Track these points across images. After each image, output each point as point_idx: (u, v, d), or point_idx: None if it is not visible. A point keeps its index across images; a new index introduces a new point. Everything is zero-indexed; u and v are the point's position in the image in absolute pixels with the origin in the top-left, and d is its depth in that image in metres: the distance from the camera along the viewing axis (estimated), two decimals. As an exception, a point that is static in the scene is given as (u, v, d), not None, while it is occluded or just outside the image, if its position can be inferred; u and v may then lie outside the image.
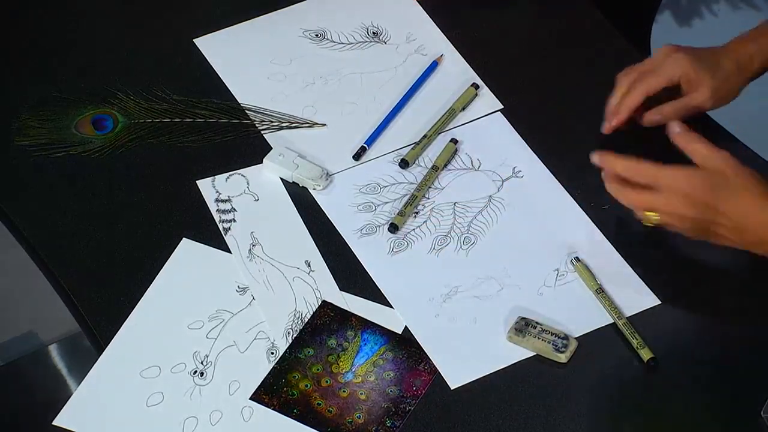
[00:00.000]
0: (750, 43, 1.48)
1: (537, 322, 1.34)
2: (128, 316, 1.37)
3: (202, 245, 1.44)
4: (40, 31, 1.68)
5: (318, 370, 1.33)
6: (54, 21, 1.69)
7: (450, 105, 1.56)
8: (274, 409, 1.30)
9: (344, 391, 1.31)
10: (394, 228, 1.45)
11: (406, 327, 1.36)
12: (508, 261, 1.41)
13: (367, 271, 1.41)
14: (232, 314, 1.38)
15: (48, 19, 1.69)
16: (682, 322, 1.36)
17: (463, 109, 1.56)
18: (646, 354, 1.32)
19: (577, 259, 1.40)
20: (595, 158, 1.33)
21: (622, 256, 1.41)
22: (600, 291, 1.38)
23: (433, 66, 1.60)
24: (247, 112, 1.57)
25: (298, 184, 1.49)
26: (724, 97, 1.48)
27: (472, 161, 1.52)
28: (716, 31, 1.60)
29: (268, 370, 1.33)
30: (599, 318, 1.36)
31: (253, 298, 1.39)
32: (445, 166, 1.51)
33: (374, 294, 1.39)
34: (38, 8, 1.70)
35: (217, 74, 1.61)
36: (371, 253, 1.43)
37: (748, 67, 1.48)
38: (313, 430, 1.29)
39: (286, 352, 1.35)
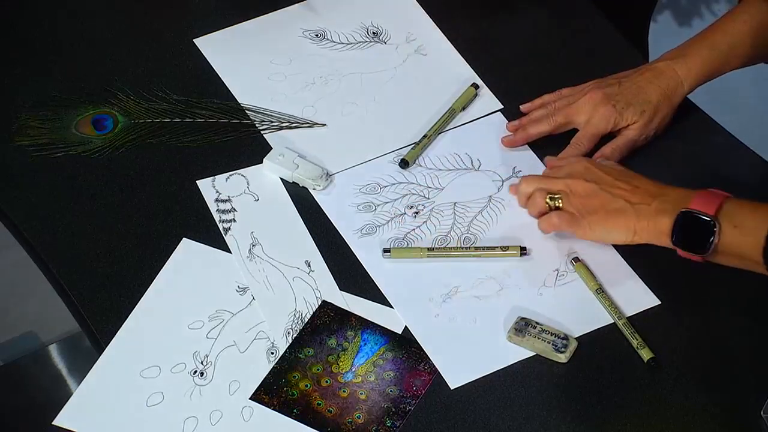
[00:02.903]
0: (678, 65, 1.48)
1: (537, 322, 1.34)
2: (128, 316, 1.37)
3: (202, 245, 1.44)
4: (40, 31, 1.68)
5: (318, 370, 1.33)
6: (54, 21, 1.69)
7: (450, 105, 1.56)
8: (274, 409, 1.30)
9: (344, 391, 1.31)
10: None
11: (406, 327, 1.36)
12: (508, 261, 1.41)
13: (367, 271, 1.41)
14: (232, 314, 1.38)
15: (48, 19, 1.70)
16: (682, 322, 1.36)
17: (463, 109, 1.56)
18: (646, 354, 1.32)
19: (577, 259, 1.40)
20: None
21: (622, 256, 1.41)
22: (600, 291, 1.38)
23: None
24: (247, 112, 1.57)
25: (298, 184, 1.49)
26: (657, 128, 1.50)
27: (472, 161, 1.52)
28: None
29: (268, 370, 1.33)
30: (599, 318, 1.36)
31: (253, 298, 1.39)
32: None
33: (374, 294, 1.39)
34: (38, 8, 1.71)
35: (217, 74, 1.61)
36: (371, 253, 1.43)
37: (676, 93, 1.49)
38: (313, 430, 1.29)
39: (286, 352, 1.35)
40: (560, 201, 1.38)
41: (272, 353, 1.35)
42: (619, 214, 1.34)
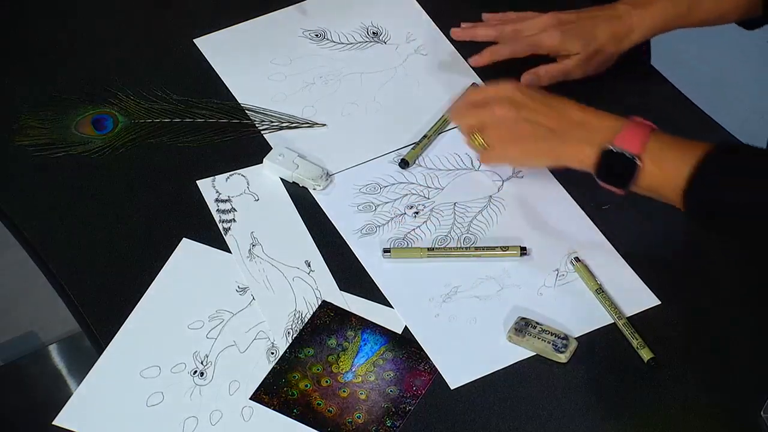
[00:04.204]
0: (637, 12, 1.52)
1: (537, 322, 1.34)
2: (128, 316, 1.37)
3: (202, 245, 1.44)
4: (40, 31, 1.68)
5: (318, 370, 1.33)
6: (54, 21, 1.69)
7: (450, 105, 1.56)
8: (274, 409, 1.30)
9: (344, 391, 1.31)
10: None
11: (406, 327, 1.36)
12: (508, 261, 1.41)
13: (367, 271, 1.41)
14: (232, 314, 1.38)
15: (48, 19, 1.70)
16: (682, 322, 1.36)
17: (463, 109, 1.56)
18: (646, 354, 1.32)
19: (577, 259, 1.40)
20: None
21: (622, 256, 1.41)
22: (600, 291, 1.38)
23: None
24: (247, 112, 1.57)
25: (298, 184, 1.49)
26: (595, 67, 1.54)
27: (472, 161, 1.52)
28: (716, 31, 1.59)
29: (268, 370, 1.33)
30: (599, 318, 1.36)
31: (253, 298, 1.39)
32: None
33: (374, 294, 1.39)
34: (38, 8, 1.71)
35: (217, 74, 1.61)
36: (371, 253, 1.43)
37: (626, 37, 1.52)
38: (313, 430, 1.29)
39: (286, 352, 1.35)
40: (483, 138, 1.41)
41: (272, 353, 1.35)
42: (540, 140, 1.36)
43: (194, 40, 1.65)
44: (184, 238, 1.44)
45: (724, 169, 1.26)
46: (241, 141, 1.54)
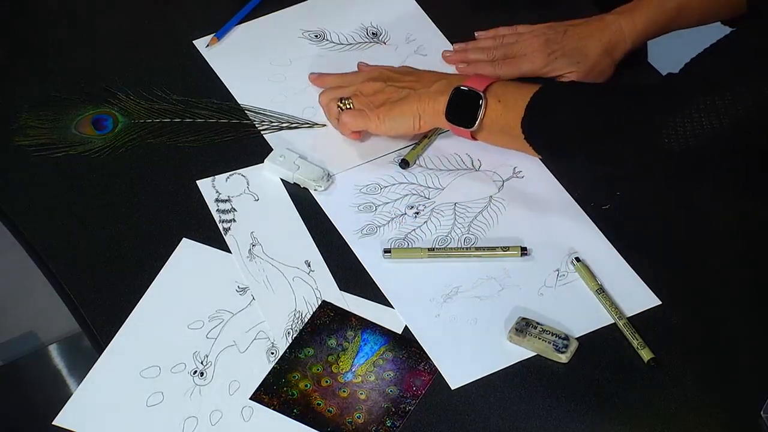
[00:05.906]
0: (624, 20, 1.54)
1: (537, 323, 1.34)
2: (128, 316, 1.37)
3: (202, 245, 1.44)
4: (40, 31, 1.68)
5: (318, 370, 1.33)
6: (53, 21, 1.69)
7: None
8: (274, 409, 1.30)
9: (344, 391, 1.31)
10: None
11: (406, 327, 1.36)
12: (509, 261, 1.41)
13: (367, 271, 1.41)
14: (232, 314, 1.38)
15: (47, 19, 1.70)
16: (682, 322, 1.36)
17: (463, 109, 1.56)
18: (646, 354, 1.32)
19: (578, 259, 1.40)
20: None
21: (622, 256, 1.41)
22: (600, 291, 1.38)
23: None
24: (246, 112, 1.57)
25: (298, 185, 1.49)
26: (596, 79, 1.55)
27: (472, 161, 1.52)
28: (715, 30, 1.60)
29: (268, 370, 1.33)
30: (599, 318, 1.36)
31: (253, 298, 1.39)
32: None
33: (374, 294, 1.39)
34: (38, 8, 1.70)
35: (216, 74, 1.61)
36: (371, 253, 1.43)
37: (618, 47, 1.54)
38: (313, 430, 1.29)
39: (286, 352, 1.35)
40: (350, 104, 1.49)
41: (272, 353, 1.35)
42: (403, 102, 1.46)
43: (194, 42, 1.65)
44: (184, 238, 1.44)
45: (553, 98, 1.38)
46: (241, 141, 1.54)
